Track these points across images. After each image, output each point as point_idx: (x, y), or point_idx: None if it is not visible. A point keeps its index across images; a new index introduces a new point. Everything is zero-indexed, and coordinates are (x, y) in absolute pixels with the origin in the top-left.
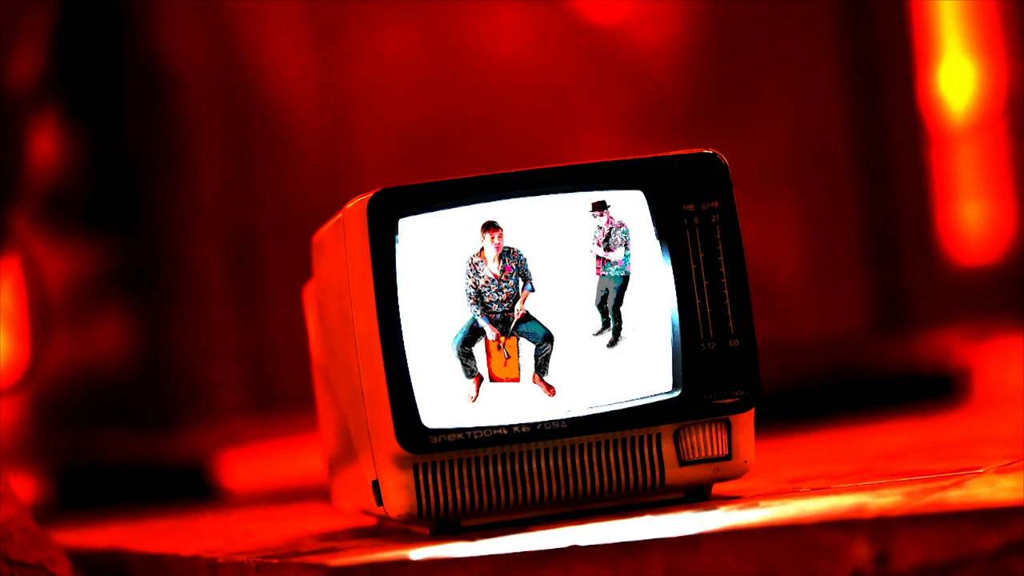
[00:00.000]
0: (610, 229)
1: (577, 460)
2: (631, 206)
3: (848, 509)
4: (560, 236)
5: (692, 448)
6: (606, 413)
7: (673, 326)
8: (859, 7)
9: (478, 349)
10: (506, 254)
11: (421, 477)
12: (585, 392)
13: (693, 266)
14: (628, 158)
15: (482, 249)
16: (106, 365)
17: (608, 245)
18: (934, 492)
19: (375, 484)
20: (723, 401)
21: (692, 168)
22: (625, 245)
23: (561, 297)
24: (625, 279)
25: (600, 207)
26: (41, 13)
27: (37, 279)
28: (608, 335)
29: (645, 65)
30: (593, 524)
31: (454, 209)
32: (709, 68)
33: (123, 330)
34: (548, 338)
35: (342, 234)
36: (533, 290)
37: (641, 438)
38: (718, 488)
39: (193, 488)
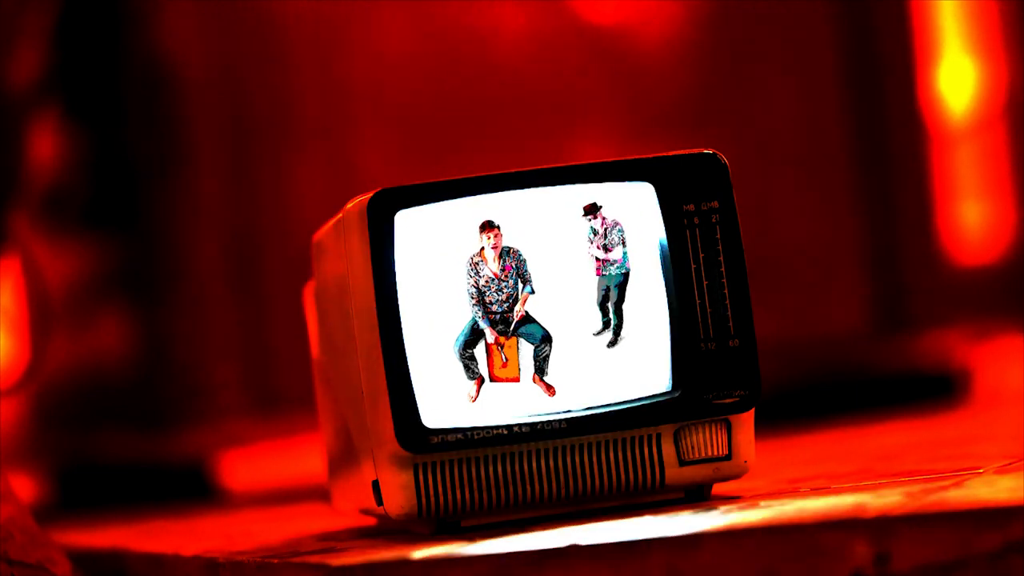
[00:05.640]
0: (605, 230)
1: (577, 460)
2: (627, 204)
3: (848, 509)
4: (560, 236)
5: (692, 448)
6: (606, 413)
7: (673, 326)
8: (859, 7)
9: (479, 351)
10: (506, 253)
11: (421, 477)
12: (585, 392)
13: (693, 266)
14: (628, 158)
15: (482, 249)
16: (106, 365)
17: (606, 246)
18: (934, 492)
19: (375, 484)
20: (723, 401)
21: (692, 168)
22: (622, 243)
23: (561, 297)
24: (625, 276)
25: (592, 210)
26: (41, 13)
27: (37, 279)
28: (608, 335)
29: (645, 65)
30: (593, 524)
31: (452, 207)
32: (709, 68)
33: (123, 330)
34: (546, 339)
35: (342, 234)
36: (533, 292)
37: (641, 438)
38: (718, 488)
39: (193, 488)
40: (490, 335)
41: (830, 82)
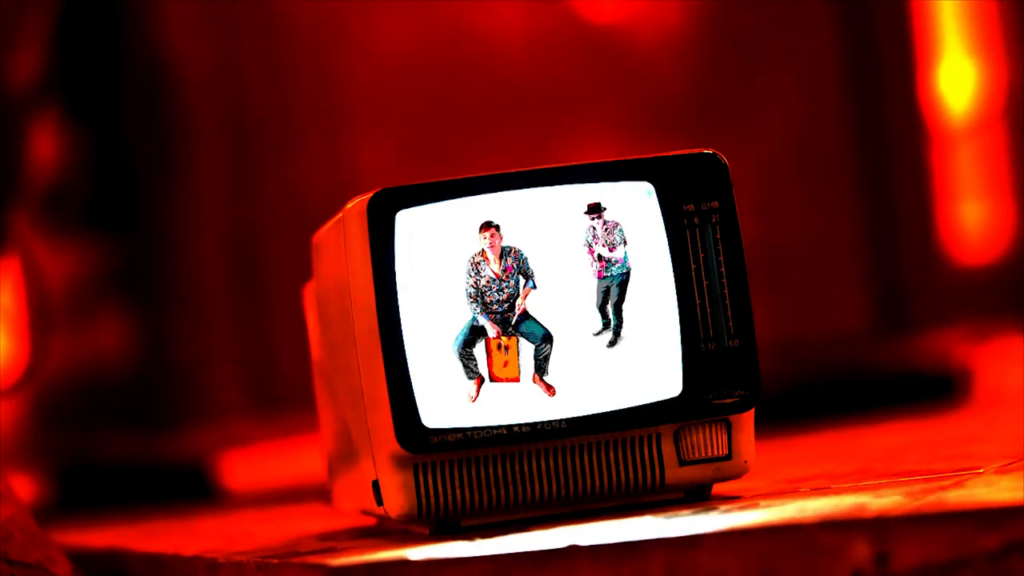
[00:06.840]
0: (607, 230)
1: (577, 460)
2: (627, 203)
3: (848, 509)
4: (560, 235)
5: (692, 448)
6: (606, 413)
7: (673, 326)
8: (859, 7)
9: (479, 350)
10: (506, 253)
11: (421, 477)
12: (585, 392)
13: (693, 266)
14: (628, 157)
15: (483, 249)
16: (106, 365)
17: (610, 245)
18: (934, 492)
19: (375, 484)
20: (723, 401)
21: (692, 168)
22: (624, 242)
23: (561, 297)
24: (626, 276)
25: (596, 209)
26: (41, 13)
27: (37, 279)
28: (608, 335)
29: (645, 65)
30: (593, 524)
31: (452, 206)
32: (709, 68)
33: (123, 330)
34: (547, 338)
35: (342, 234)
36: (535, 287)
37: (641, 438)
38: (718, 488)
39: (193, 488)
40: (491, 329)
41: (830, 82)
